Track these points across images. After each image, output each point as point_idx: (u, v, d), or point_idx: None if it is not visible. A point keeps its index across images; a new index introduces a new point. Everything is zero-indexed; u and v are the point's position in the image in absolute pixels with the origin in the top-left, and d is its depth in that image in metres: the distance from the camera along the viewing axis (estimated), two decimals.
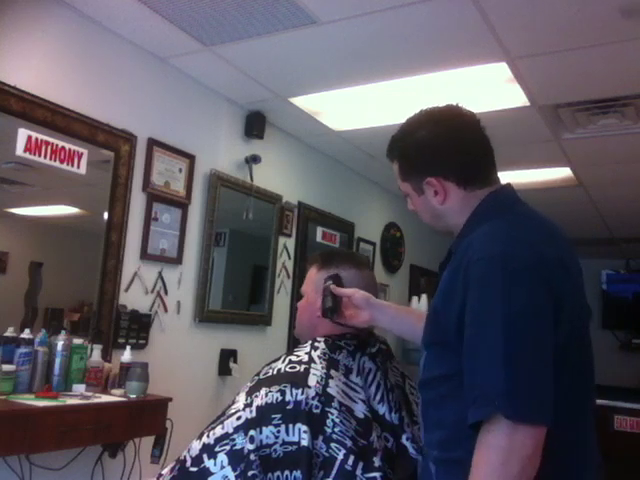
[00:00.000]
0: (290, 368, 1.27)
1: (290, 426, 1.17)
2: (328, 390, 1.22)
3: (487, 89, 2.96)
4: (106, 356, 2.51)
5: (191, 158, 3.04)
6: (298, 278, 3.79)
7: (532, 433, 0.95)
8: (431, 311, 1.16)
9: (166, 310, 2.90)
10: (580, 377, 1.08)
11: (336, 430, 1.18)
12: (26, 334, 2.15)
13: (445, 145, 1.22)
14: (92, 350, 2.36)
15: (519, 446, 0.94)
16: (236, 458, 1.16)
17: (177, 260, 2.97)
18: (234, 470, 1.15)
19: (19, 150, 2.25)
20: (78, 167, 2.45)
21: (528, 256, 1.03)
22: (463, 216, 1.20)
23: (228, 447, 1.18)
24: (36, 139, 2.30)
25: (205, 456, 1.19)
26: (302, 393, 1.20)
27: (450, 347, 1.07)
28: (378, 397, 1.32)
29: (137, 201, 2.75)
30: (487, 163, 1.23)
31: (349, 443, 1.18)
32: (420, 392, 1.19)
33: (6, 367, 2.05)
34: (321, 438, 1.17)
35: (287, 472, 1.14)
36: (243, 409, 1.21)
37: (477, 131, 1.25)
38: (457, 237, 1.21)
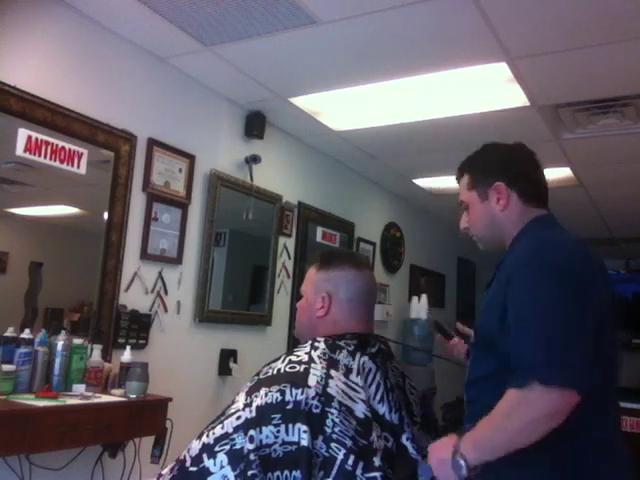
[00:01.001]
0: (290, 368, 1.27)
1: (290, 426, 1.17)
2: (328, 390, 1.22)
3: (487, 89, 2.96)
4: (106, 356, 2.51)
5: (191, 158, 3.04)
6: (298, 278, 3.79)
7: (561, 394, 1.10)
8: (480, 319, 1.36)
9: (166, 310, 2.90)
10: (606, 376, 1.23)
11: (336, 430, 1.18)
12: (26, 334, 2.15)
13: (515, 160, 1.45)
14: (92, 350, 2.36)
15: (546, 403, 1.10)
16: (236, 458, 1.16)
17: (177, 260, 2.97)
18: (234, 470, 1.15)
19: (19, 150, 2.25)
20: (78, 167, 2.45)
21: (563, 255, 1.23)
22: (517, 228, 1.38)
23: (228, 447, 1.18)
24: (36, 139, 2.30)
25: (205, 456, 1.19)
26: (302, 393, 1.20)
27: (492, 346, 1.26)
28: (378, 397, 1.32)
29: (137, 201, 2.75)
30: (543, 190, 1.45)
31: (349, 443, 1.18)
32: (465, 391, 1.36)
33: (6, 367, 2.05)
34: (321, 438, 1.17)
35: (287, 472, 1.14)
36: (243, 409, 1.21)
37: (539, 162, 1.48)
38: (507, 251, 1.39)
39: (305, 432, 1.16)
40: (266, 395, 1.20)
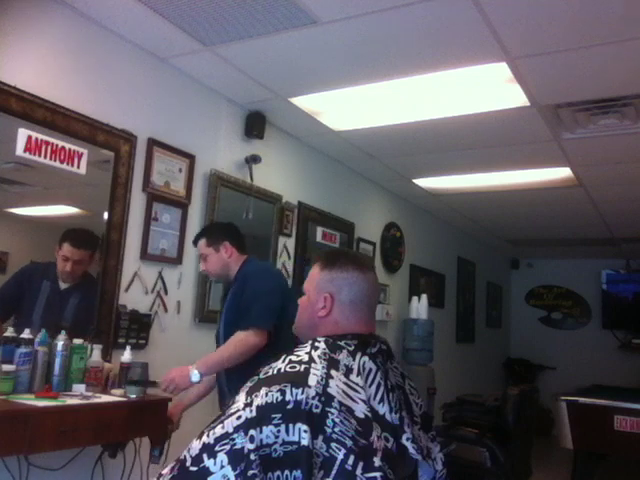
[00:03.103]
0: (290, 368, 1.27)
1: (290, 426, 1.16)
2: (328, 390, 1.22)
3: (487, 89, 2.96)
4: (106, 356, 2.51)
5: (191, 158, 3.04)
6: (298, 278, 3.79)
7: (261, 333, 2.29)
8: (227, 313, 2.49)
9: (166, 310, 2.90)
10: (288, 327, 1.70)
11: (336, 430, 1.18)
12: (26, 334, 2.14)
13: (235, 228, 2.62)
14: (92, 350, 2.36)
15: (254, 338, 2.27)
16: (236, 458, 1.16)
17: (177, 260, 2.97)
18: (234, 470, 1.15)
19: (19, 150, 2.25)
20: (78, 167, 2.45)
21: (273, 270, 2.82)
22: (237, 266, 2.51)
23: (228, 447, 1.17)
24: (36, 139, 2.30)
25: (205, 456, 1.18)
26: (302, 393, 1.19)
27: (235, 325, 2.34)
28: (378, 397, 1.31)
29: (137, 201, 2.75)
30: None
31: (349, 443, 1.18)
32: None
33: (6, 367, 2.04)
34: (321, 438, 1.17)
35: (287, 472, 1.14)
36: (243, 408, 1.21)
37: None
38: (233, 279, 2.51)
39: (305, 432, 1.15)
40: (266, 395, 1.20)
